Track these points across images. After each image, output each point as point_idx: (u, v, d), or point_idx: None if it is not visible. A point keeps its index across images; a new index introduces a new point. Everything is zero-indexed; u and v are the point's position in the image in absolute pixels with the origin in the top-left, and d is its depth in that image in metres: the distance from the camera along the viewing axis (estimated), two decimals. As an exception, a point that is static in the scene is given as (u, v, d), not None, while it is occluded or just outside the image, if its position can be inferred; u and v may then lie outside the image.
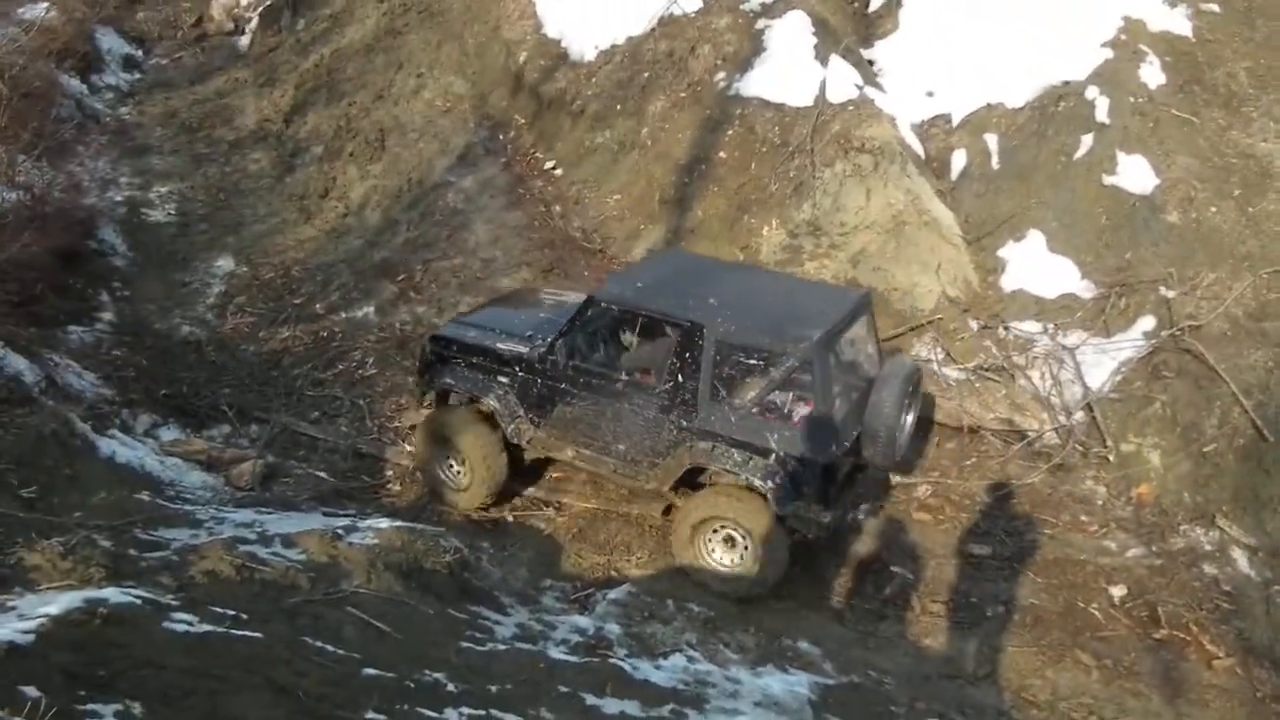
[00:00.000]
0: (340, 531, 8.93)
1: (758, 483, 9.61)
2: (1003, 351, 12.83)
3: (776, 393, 9.92)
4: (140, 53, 27.65)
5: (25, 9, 22.01)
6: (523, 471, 11.44)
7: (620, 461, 10.40)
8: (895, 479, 11.47)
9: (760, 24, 16.54)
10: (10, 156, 15.40)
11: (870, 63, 16.73)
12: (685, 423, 9.95)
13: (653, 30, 17.40)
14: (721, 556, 10.04)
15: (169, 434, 12.40)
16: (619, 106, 16.98)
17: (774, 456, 9.59)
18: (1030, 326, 13.13)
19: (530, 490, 11.53)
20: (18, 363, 11.74)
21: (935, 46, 16.33)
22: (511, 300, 12.37)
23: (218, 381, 13.78)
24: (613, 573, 10.44)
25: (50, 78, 20.31)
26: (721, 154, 15.37)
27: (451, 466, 11.19)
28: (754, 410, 9.77)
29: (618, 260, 15.19)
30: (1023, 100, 15.09)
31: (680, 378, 9.93)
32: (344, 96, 21.15)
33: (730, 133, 15.50)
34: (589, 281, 14.15)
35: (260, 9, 27.20)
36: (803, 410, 9.90)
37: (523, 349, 10.78)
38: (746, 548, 9.85)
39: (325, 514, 10.49)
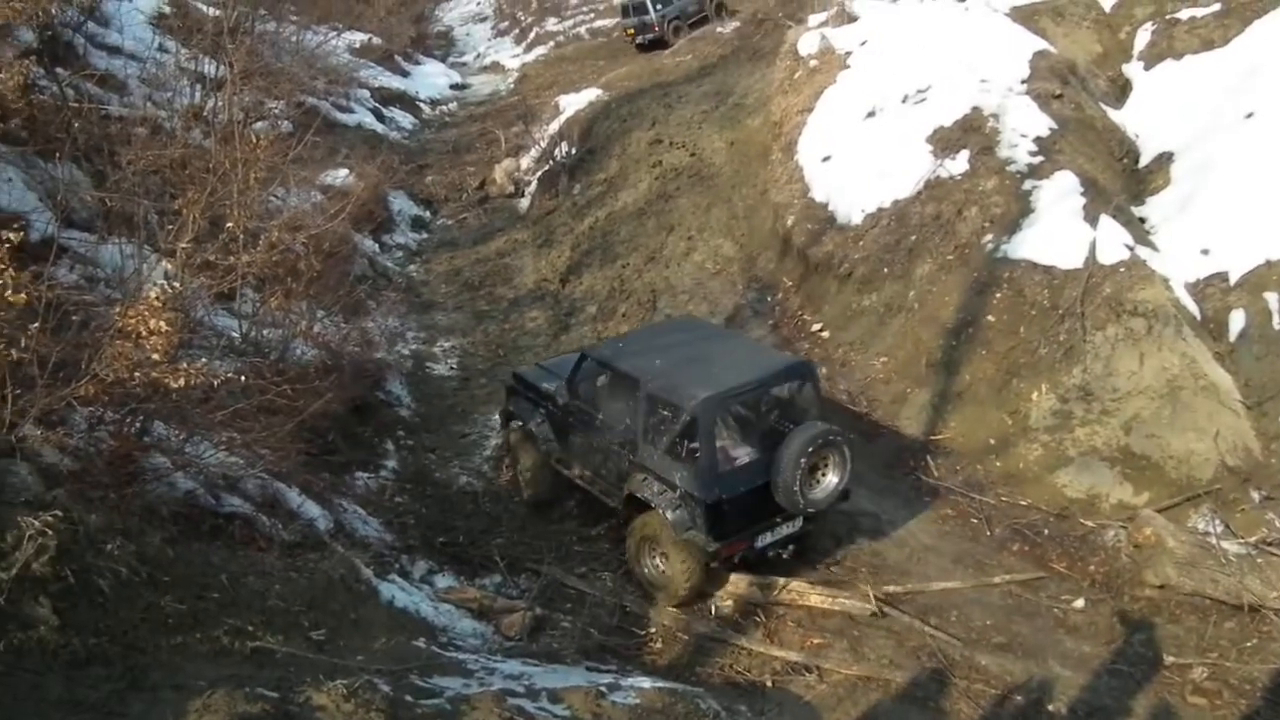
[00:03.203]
0: (604, 689, 9.10)
1: (663, 511, 11.75)
2: (1287, 525, 12.29)
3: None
4: (428, 214, 29.48)
5: (327, 175, 23.72)
6: (783, 639, 11.63)
7: (604, 483, 13.09)
8: (1169, 659, 11.05)
9: (1027, 185, 16.57)
10: (311, 314, 16.51)
11: (1141, 220, 16.49)
12: (632, 458, 12.30)
13: (919, 193, 17.58)
14: (661, 567, 12.17)
15: (444, 581, 12.89)
16: (886, 269, 17.18)
17: (679, 492, 11.65)
18: (1318, 498, 12.53)
19: (790, 654, 11.52)
20: (312, 509, 12.56)
21: (1209, 201, 15.92)
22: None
23: (491, 532, 14.22)
24: (871, 746, 10.37)
25: (348, 238, 21.62)
26: (989, 317, 15.36)
27: (522, 474, 14.67)
28: (665, 453, 11.83)
29: (882, 423, 15.32)
30: (1305, 256, 14.54)
31: (629, 421, 12.38)
32: (617, 258, 22.04)
33: (998, 295, 15.47)
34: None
35: (539, 174, 28.72)
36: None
37: (554, 388, 13.79)
38: (668, 563, 11.98)
39: (589, 668, 10.75)
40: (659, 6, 39.50)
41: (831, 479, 11.83)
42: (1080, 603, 12.01)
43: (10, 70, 12.58)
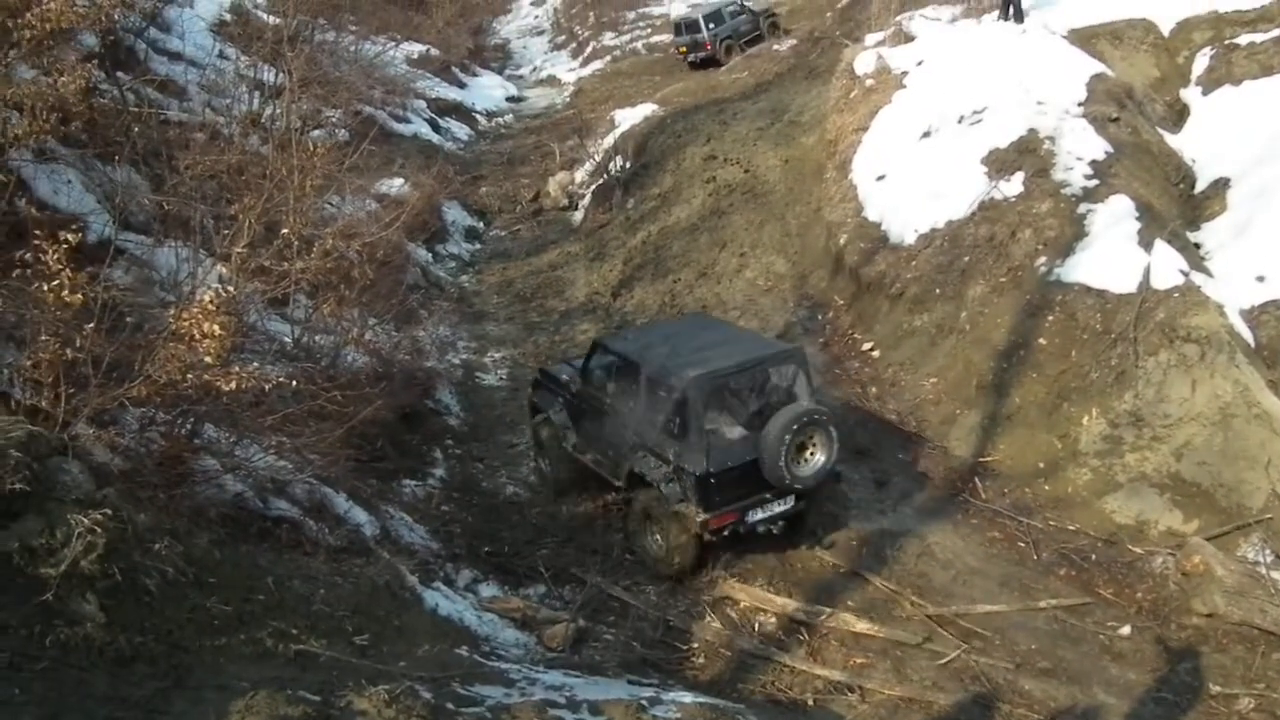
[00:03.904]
0: (645, 703, 9.05)
1: (658, 485, 12.53)
2: (1340, 556, 12.09)
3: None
4: (481, 225, 29.61)
5: (382, 184, 23.88)
6: (826, 658, 11.54)
7: (611, 463, 13.74)
8: (1215, 688, 10.89)
9: (1082, 208, 16.45)
10: (363, 321, 16.61)
11: (1196, 246, 16.35)
12: (634, 437, 13.08)
13: (973, 215, 17.50)
14: (659, 540, 12.92)
15: (488, 590, 12.86)
16: (938, 290, 17.10)
17: (672, 466, 12.45)
18: (1372, 529, 12.31)
19: (833, 673, 11.41)
20: (359, 515, 12.67)
21: (1266, 228, 15.74)
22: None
23: (536, 542, 14.21)
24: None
25: (401, 247, 21.65)
26: (1041, 340, 15.25)
27: (545, 463, 15.50)
28: (661, 430, 12.60)
29: (932, 443, 15.24)
30: (1364, 283, 14.33)
31: (632, 403, 13.15)
32: (669, 273, 22.06)
33: (1050, 318, 15.37)
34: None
35: (593, 187, 28.80)
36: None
37: (569, 378, 14.77)
38: (665, 536, 12.77)
39: (630, 682, 10.65)
40: (712, 25, 39.59)
41: (819, 458, 12.43)
42: (1126, 629, 11.88)
43: (72, 74, 12.68)
